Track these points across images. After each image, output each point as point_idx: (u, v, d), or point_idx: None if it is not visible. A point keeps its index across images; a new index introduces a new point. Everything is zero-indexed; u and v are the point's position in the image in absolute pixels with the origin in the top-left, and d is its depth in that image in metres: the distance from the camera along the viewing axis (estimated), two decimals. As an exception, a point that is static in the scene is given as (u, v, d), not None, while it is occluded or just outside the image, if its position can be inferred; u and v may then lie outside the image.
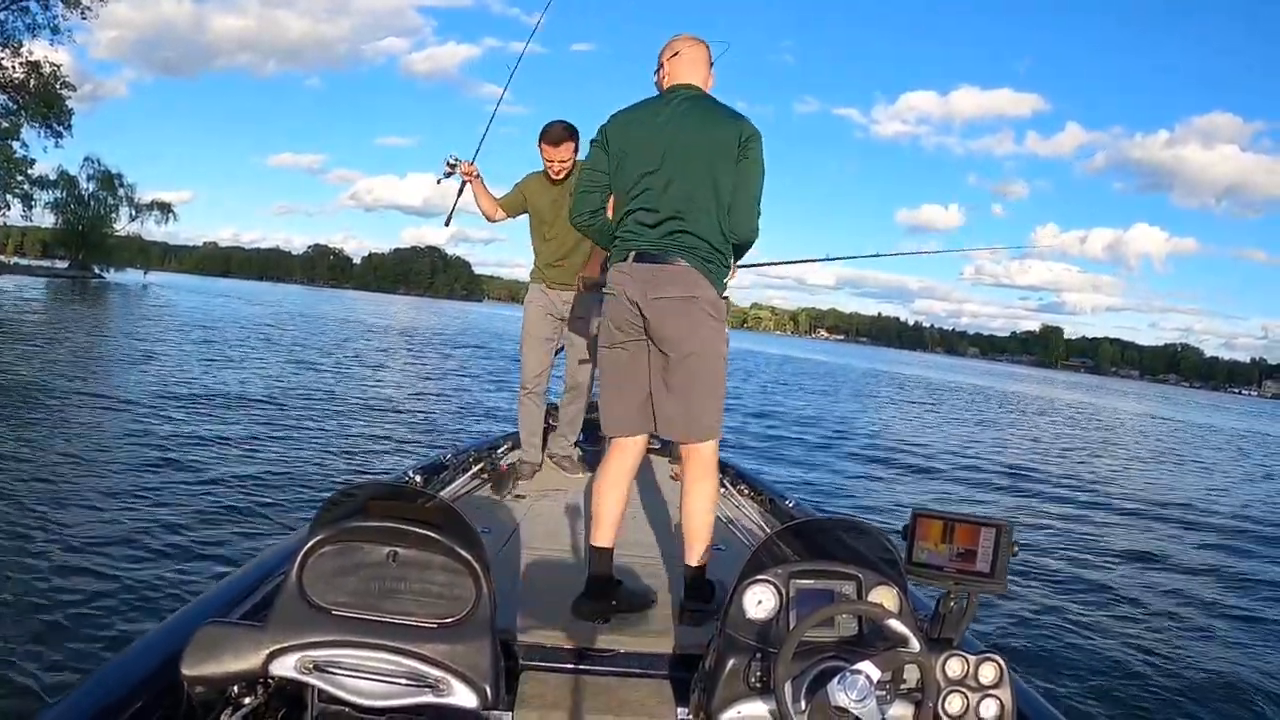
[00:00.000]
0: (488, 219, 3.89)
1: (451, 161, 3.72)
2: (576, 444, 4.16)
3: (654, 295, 2.23)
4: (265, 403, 10.10)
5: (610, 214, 2.44)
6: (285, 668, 1.44)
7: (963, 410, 24.83)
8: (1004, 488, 9.99)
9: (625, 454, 2.42)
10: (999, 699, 1.54)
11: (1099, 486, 10.66)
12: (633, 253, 2.28)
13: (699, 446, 2.36)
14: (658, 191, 2.25)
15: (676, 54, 2.39)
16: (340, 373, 15.04)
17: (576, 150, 3.66)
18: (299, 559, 1.50)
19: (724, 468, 3.43)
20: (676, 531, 3.11)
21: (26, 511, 4.79)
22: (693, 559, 2.37)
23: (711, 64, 2.45)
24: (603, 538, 2.37)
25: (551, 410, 4.24)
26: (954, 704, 1.53)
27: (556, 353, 4.03)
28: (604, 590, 2.32)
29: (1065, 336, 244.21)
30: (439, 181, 3.77)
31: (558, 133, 3.60)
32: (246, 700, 1.52)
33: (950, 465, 11.27)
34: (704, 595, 2.35)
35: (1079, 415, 30.20)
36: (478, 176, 3.77)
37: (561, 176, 3.68)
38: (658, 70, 2.43)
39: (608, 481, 2.40)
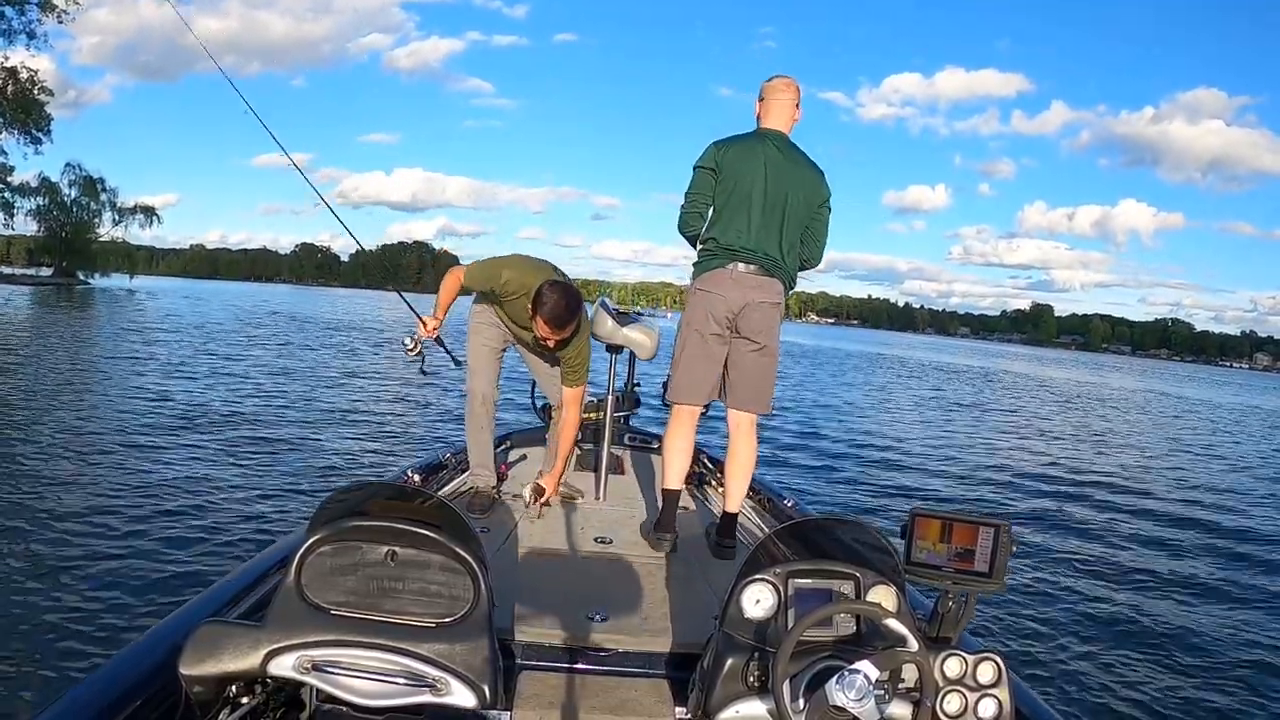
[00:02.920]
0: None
1: (411, 345, 3.34)
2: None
3: (758, 299, 2.84)
4: (261, 404, 10.08)
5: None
6: (283, 667, 1.43)
7: (958, 393, 24.92)
8: (1002, 483, 9.97)
9: (692, 418, 2.99)
10: (997, 698, 1.54)
11: (1099, 482, 10.61)
12: (739, 264, 2.83)
13: (753, 416, 2.98)
14: (763, 226, 2.83)
15: (767, 100, 2.95)
16: (336, 373, 14.96)
17: (579, 327, 3.08)
18: (297, 558, 1.49)
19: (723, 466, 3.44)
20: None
21: (23, 514, 4.79)
22: (732, 504, 2.99)
23: (799, 104, 2.97)
24: (674, 484, 2.96)
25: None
26: (952, 703, 1.53)
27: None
28: (669, 524, 2.91)
29: (1056, 314, 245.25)
30: (415, 364, 3.45)
31: (561, 315, 2.91)
32: (244, 700, 1.51)
33: (949, 460, 11.24)
34: (732, 533, 2.97)
35: (1075, 396, 30.25)
36: (438, 328, 3.38)
37: (551, 347, 3.11)
38: (756, 101, 3.00)
39: (678, 441, 2.97)
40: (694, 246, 3.02)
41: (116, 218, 53.33)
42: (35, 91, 38.98)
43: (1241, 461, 14.83)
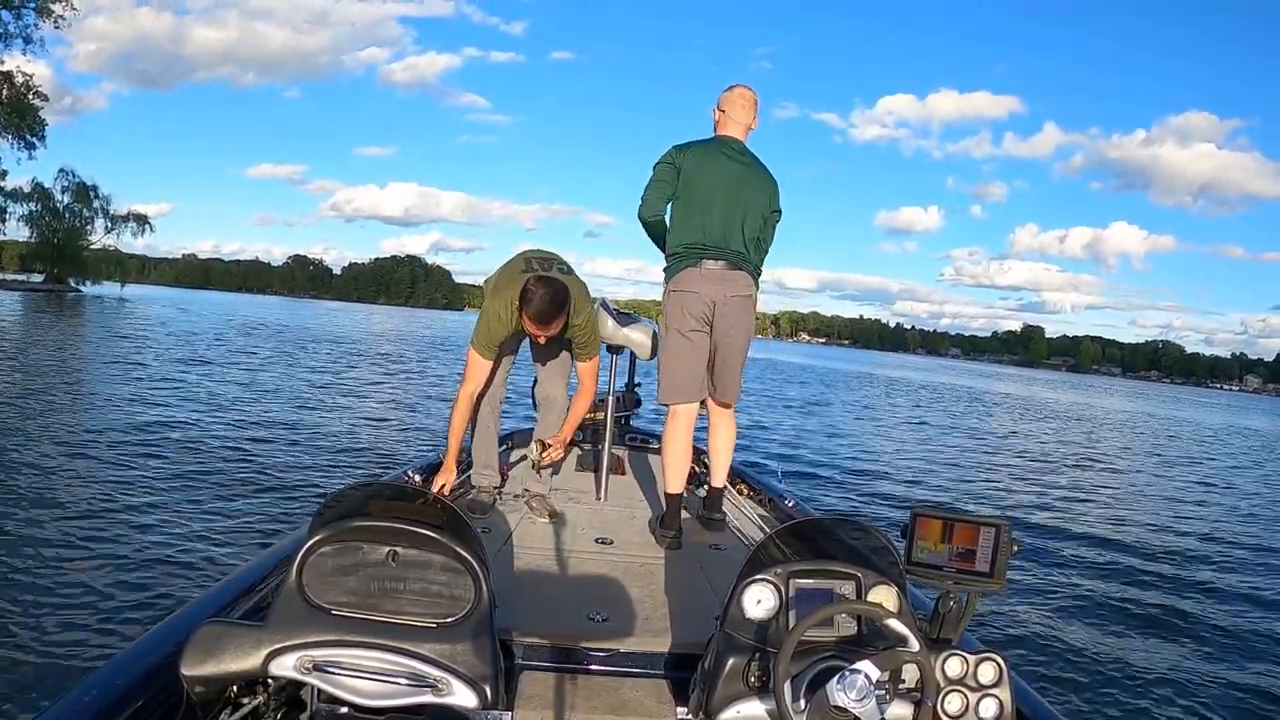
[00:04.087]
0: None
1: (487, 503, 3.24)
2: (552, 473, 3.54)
3: (731, 294, 2.97)
4: (263, 406, 10.05)
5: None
6: (285, 667, 1.43)
7: (953, 410, 25.00)
8: (1003, 486, 10.04)
9: (688, 416, 3.09)
10: (998, 698, 1.55)
11: (1098, 486, 10.74)
12: (706, 261, 2.95)
13: (730, 404, 3.17)
14: (726, 223, 2.95)
15: (726, 110, 3.10)
16: (337, 376, 14.90)
17: (568, 323, 3.00)
18: (299, 558, 1.49)
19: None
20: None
21: (25, 514, 4.77)
22: (717, 480, 3.22)
23: (756, 113, 3.13)
24: (675, 487, 3.07)
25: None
26: (953, 703, 1.53)
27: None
28: (674, 527, 3.00)
29: (1046, 335, 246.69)
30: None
31: (547, 313, 2.86)
32: (246, 700, 1.52)
33: (948, 464, 11.31)
34: (719, 507, 3.22)
35: (1070, 414, 30.39)
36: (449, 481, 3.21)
37: (543, 343, 3.10)
38: (715, 110, 3.14)
39: (677, 444, 3.08)
40: (658, 245, 3.17)
41: (109, 225, 53.02)
42: (30, 96, 38.91)
43: (1231, 475, 14.93)
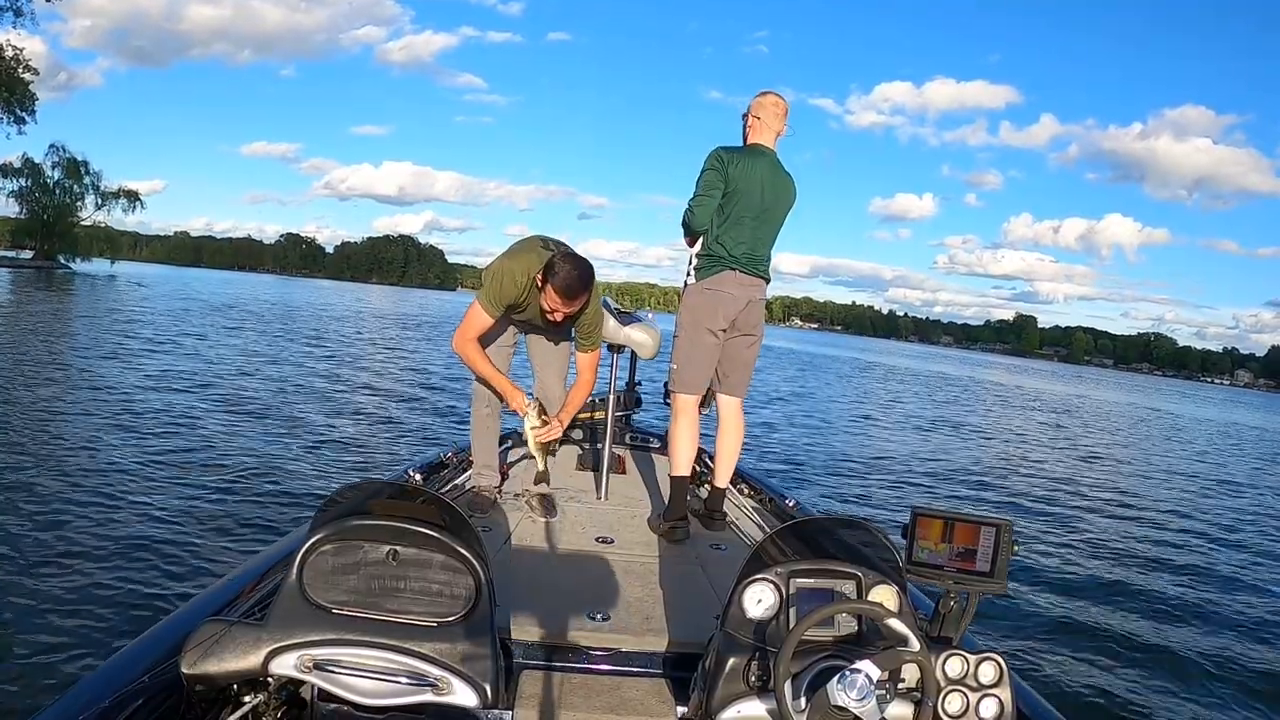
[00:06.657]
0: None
1: (538, 425, 3.11)
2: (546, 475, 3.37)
3: (757, 298, 3.24)
4: (261, 402, 9.94)
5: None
6: (285, 666, 1.44)
7: (950, 401, 25.05)
8: (1003, 484, 10.01)
9: (695, 408, 3.27)
10: (999, 698, 1.55)
11: (1098, 483, 10.70)
12: (739, 269, 3.15)
13: (742, 399, 3.35)
14: (754, 233, 3.17)
15: (761, 119, 3.22)
16: (337, 370, 14.77)
17: (585, 305, 2.99)
18: (299, 558, 1.50)
19: None
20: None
21: (25, 512, 4.74)
22: (721, 480, 3.33)
23: (786, 120, 3.26)
24: (684, 470, 3.20)
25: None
26: (954, 703, 1.54)
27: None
28: (680, 513, 3.11)
29: (1039, 325, 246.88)
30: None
31: (573, 285, 2.84)
32: (246, 698, 1.52)
33: (948, 462, 11.26)
34: (720, 507, 3.34)
35: (1065, 408, 30.44)
36: (521, 396, 3.16)
37: (558, 320, 3.01)
38: (746, 116, 3.27)
39: (686, 431, 3.24)
40: (687, 237, 3.29)
41: (99, 201, 52.67)
42: (20, 70, 38.43)
43: (1230, 471, 14.96)
